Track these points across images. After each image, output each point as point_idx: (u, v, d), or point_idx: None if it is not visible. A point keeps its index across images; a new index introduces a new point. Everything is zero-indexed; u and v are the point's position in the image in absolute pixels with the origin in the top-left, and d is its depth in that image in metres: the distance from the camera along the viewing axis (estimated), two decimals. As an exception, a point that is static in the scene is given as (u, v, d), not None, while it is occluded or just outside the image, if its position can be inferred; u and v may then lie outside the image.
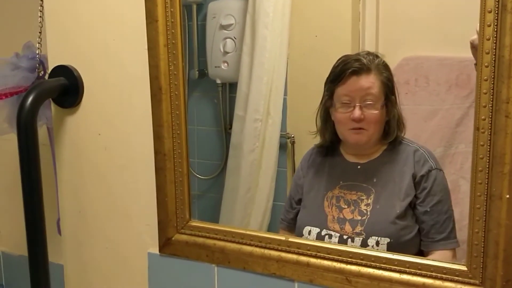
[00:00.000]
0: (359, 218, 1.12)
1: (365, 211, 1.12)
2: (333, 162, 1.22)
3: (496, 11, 0.77)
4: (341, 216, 1.14)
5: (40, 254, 1.07)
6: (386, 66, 1.15)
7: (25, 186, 1.04)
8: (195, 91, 1.54)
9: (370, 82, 1.12)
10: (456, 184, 1.16)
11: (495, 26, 0.77)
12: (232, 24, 1.45)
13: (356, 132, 1.14)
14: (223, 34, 1.46)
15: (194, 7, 1.47)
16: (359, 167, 1.18)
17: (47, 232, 1.08)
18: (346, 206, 1.14)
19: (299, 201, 1.24)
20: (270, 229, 1.41)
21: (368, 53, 1.15)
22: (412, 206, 1.12)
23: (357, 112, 1.11)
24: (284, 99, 1.36)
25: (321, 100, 1.20)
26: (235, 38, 1.45)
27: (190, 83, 1.50)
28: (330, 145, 1.21)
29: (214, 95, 1.49)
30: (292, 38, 1.35)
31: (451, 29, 1.17)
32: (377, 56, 1.15)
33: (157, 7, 0.99)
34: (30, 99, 1.04)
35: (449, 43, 1.18)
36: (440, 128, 1.20)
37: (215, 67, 1.48)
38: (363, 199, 1.13)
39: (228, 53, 1.46)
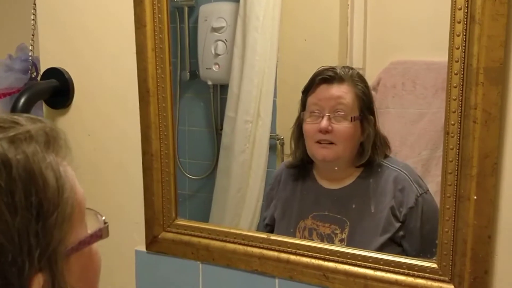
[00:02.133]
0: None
1: None
2: (305, 187, 1.13)
3: (465, 22, 0.80)
4: None
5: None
6: (361, 78, 1.09)
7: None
8: (187, 92, 1.55)
9: (341, 91, 1.06)
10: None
11: (464, 36, 0.81)
12: (224, 27, 1.46)
13: (324, 146, 1.05)
14: (215, 36, 1.47)
15: (186, 9, 1.48)
16: (332, 194, 1.09)
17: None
18: (319, 241, 1.07)
19: (269, 225, 1.18)
20: (259, 228, 1.44)
21: (344, 67, 1.11)
22: (395, 240, 1.03)
23: (324, 122, 1.03)
24: (274, 101, 1.37)
25: (297, 117, 1.13)
26: (226, 41, 1.46)
27: (182, 84, 1.51)
28: (302, 167, 1.13)
29: (206, 96, 1.51)
30: (282, 41, 1.36)
31: (439, 34, 1.14)
32: (352, 68, 1.10)
33: (145, 13, 1.02)
34: (22, 100, 1.08)
35: (436, 48, 1.15)
36: (426, 132, 1.19)
37: (207, 68, 1.49)
38: (337, 233, 1.06)
39: (219, 55, 1.47)
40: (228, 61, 1.44)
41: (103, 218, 0.60)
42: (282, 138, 1.38)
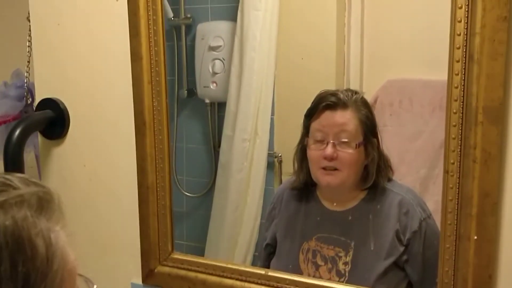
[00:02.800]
0: (337, 279, 1.04)
1: (343, 271, 1.04)
2: (309, 208, 1.12)
3: (464, 61, 0.80)
4: (318, 275, 1.06)
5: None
6: (365, 103, 1.08)
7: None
8: (184, 110, 1.55)
9: (345, 118, 1.05)
10: (440, 205, 1.16)
11: (463, 75, 0.80)
12: (221, 45, 1.46)
13: (328, 172, 1.05)
14: (212, 55, 1.47)
15: (183, 28, 1.48)
16: (336, 216, 1.09)
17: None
18: (323, 263, 1.06)
19: (270, 246, 1.17)
20: (257, 246, 1.43)
21: (347, 90, 1.09)
22: (398, 264, 1.03)
23: (329, 150, 1.03)
24: (272, 119, 1.38)
25: (300, 139, 1.12)
26: (223, 59, 1.46)
27: (179, 102, 1.52)
28: (305, 188, 1.12)
29: (203, 114, 1.51)
30: (279, 60, 1.37)
31: (436, 52, 1.14)
32: (356, 92, 1.08)
33: (141, 46, 1.02)
34: (17, 132, 1.07)
35: (433, 66, 1.17)
36: (424, 150, 1.19)
37: (204, 87, 1.49)
38: (341, 256, 1.05)
39: (216, 73, 1.48)
40: (226, 79, 1.45)
41: (95, 286, 0.58)
42: (280, 156, 1.38)
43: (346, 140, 1.04)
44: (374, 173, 1.06)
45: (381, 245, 1.03)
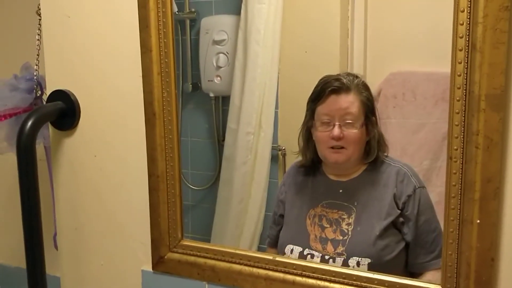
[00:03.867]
0: (341, 238, 1.14)
1: (346, 231, 1.14)
2: (316, 181, 1.23)
3: (467, 50, 0.82)
4: (323, 235, 1.16)
5: (38, 266, 1.11)
6: (365, 86, 1.17)
7: (24, 206, 1.08)
8: (189, 104, 1.56)
9: (349, 101, 1.14)
10: (443, 196, 1.18)
11: (466, 64, 0.82)
12: (225, 39, 1.47)
13: (336, 151, 1.15)
14: (216, 49, 1.49)
15: (187, 22, 1.50)
16: (340, 185, 1.19)
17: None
18: (328, 225, 1.16)
19: (282, 216, 1.26)
20: (262, 238, 1.45)
21: (349, 74, 1.18)
22: (395, 225, 1.13)
23: (336, 131, 1.13)
24: (276, 113, 1.39)
25: (304, 120, 1.21)
26: (227, 53, 1.48)
27: (184, 96, 1.53)
28: (312, 164, 1.22)
29: (207, 108, 1.53)
30: (283, 54, 1.38)
31: (438, 45, 1.16)
32: (357, 77, 1.17)
33: (151, 38, 1.03)
34: (29, 123, 1.09)
35: (435, 59, 1.19)
36: (427, 142, 1.22)
37: (208, 81, 1.51)
38: (344, 218, 1.15)
39: (221, 67, 1.49)
40: (230, 73, 1.46)
41: None
42: (284, 149, 1.40)
43: (350, 121, 1.14)
44: (376, 148, 1.17)
45: (380, 208, 1.14)
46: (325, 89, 1.15)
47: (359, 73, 1.20)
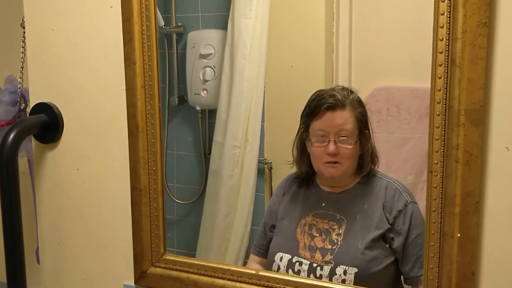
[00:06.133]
0: (330, 247, 1.14)
1: (335, 241, 1.15)
2: (309, 191, 1.24)
3: (446, 65, 0.83)
4: (312, 244, 1.16)
5: (19, 281, 1.10)
6: (360, 102, 1.17)
7: (6, 220, 1.07)
8: (175, 117, 1.56)
9: (344, 118, 1.15)
10: None
11: (445, 79, 0.83)
12: (212, 53, 1.48)
13: (331, 165, 1.16)
14: (203, 63, 1.49)
15: (174, 36, 1.50)
16: (333, 197, 1.20)
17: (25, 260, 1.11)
18: (317, 235, 1.16)
19: (273, 227, 1.26)
20: (247, 253, 1.44)
21: (343, 88, 1.18)
22: (385, 239, 1.13)
23: (331, 147, 1.13)
24: (262, 126, 1.40)
25: (297, 132, 1.21)
26: (214, 67, 1.48)
27: (170, 109, 1.53)
28: (306, 176, 1.23)
29: (194, 121, 1.53)
30: (269, 68, 1.39)
31: (422, 60, 1.18)
32: (351, 92, 1.17)
33: (135, 51, 1.04)
34: (11, 136, 1.08)
35: (419, 74, 1.15)
36: (411, 156, 1.23)
37: (195, 94, 1.51)
38: (335, 229, 1.15)
39: (207, 81, 1.49)
40: (216, 87, 1.46)
41: None
42: (270, 162, 1.40)
43: (345, 137, 1.15)
44: (369, 162, 1.18)
45: (371, 220, 1.14)
46: (321, 106, 1.15)
47: (353, 88, 1.21)
